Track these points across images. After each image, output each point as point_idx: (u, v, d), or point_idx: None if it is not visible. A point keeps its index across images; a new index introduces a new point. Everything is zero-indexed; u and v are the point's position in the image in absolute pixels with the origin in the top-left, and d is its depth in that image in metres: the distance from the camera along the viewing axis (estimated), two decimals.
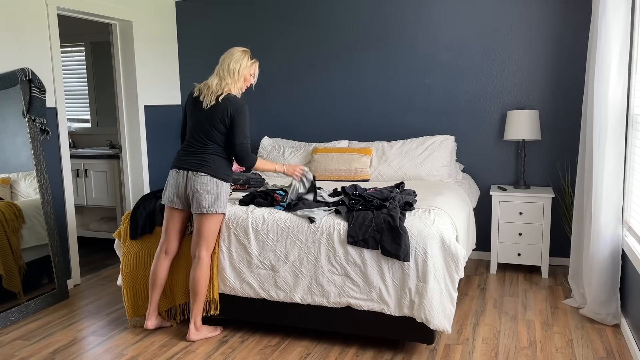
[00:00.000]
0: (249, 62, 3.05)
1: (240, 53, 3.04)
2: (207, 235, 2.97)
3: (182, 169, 2.96)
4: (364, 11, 4.60)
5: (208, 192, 2.91)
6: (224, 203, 2.98)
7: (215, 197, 2.93)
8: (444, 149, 4.14)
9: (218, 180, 2.94)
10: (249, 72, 3.07)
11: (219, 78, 2.99)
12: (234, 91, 3.00)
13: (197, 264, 2.98)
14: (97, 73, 5.69)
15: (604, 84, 3.04)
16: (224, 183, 2.97)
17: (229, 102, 2.93)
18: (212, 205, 2.92)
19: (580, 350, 2.88)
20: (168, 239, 3.08)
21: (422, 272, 2.71)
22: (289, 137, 4.95)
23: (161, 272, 3.10)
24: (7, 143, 3.49)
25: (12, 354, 2.98)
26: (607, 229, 3.10)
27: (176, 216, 3.05)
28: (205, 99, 2.96)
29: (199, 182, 2.91)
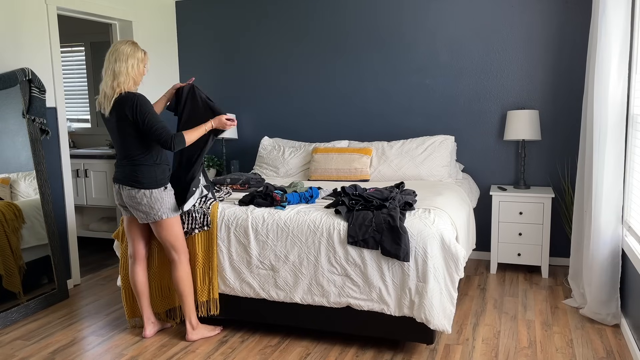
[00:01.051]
0: (142, 53, 2.86)
1: (131, 46, 2.82)
2: (166, 241, 2.95)
3: (115, 183, 2.93)
4: (364, 11, 4.59)
5: (139, 203, 2.85)
6: (161, 209, 2.86)
7: (148, 207, 2.85)
8: (444, 149, 4.14)
9: (146, 190, 2.83)
10: (144, 64, 2.88)
11: (112, 77, 2.78)
12: (132, 87, 2.82)
13: (173, 266, 3.00)
14: (97, 73, 5.69)
15: (604, 84, 3.04)
16: (155, 190, 2.84)
17: (122, 102, 2.76)
18: (149, 215, 2.87)
19: (580, 350, 2.88)
20: (132, 244, 3.07)
21: (422, 272, 2.71)
22: (289, 137, 4.95)
23: (137, 279, 3.07)
24: (7, 143, 3.49)
25: (12, 354, 2.98)
26: (607, 229, 3.10)
27: (132, 222, 3.04)
28: (104, 107, 2.82)
29: (128, 196, 2.86)
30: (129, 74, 2.79)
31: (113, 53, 2.81)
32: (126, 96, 2.78)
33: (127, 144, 2.84)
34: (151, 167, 2.86)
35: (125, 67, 2.78)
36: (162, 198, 2.88)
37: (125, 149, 2.86)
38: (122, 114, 2.77)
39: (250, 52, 5.00)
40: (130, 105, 2.75)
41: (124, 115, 2.77)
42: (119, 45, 2.82)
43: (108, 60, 2.81)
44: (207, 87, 5.18)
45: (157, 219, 2.88)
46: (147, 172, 2.85)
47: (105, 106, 2.81)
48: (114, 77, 2.78)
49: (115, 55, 2.79)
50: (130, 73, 2.80)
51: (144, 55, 2.88)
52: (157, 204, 2.86)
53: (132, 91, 2.81)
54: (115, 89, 2.78)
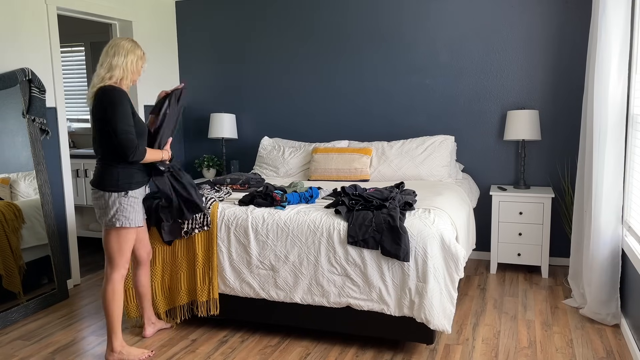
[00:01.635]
0: (141, 52, 2.78)
1: (131, 43, 2.74)
2: (108, 250, 2.76)
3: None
4: (364, 11, 4.59)
5: (96, 205, 2.72)
6: (116, 216, 2.68)
7: (102, 211, 2.70)
8: (444, 149, 4.14)
9: (106, 192, 2.66)
10: (142, 63, 2.79)
11: (108, 69, 2.65)
12: (126, 83, 2.71)
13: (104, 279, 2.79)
14: None
15: (604, 84, 3.04)
16: (114, 194, 2.66)
17: (102, 95, 2.60)
18: (102, 219, 2.73)
19: (580, 350, 2.88)
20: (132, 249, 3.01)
21: (422, 272, 2.71)
22: (289, 137, 4.95)
23: (140, 281, 3.04)
24: (7, 143, 3.49)
25: (12, 354, 2.98)
26: (607, 229, 3.10)
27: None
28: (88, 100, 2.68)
29: (93, 197, 2.74)
30: (127, 69, 2.69)
31: (112, 47, 2.71)
32: (105, 88, 2.62)
33: (97, 140, 2.69)
34: (115, 168, 2.67)
35: (125, 61, 2.68)
36: (120, 204, 2.68)
37: (96, 145, 2.71)
38: (97, 106, 2.63)
39: (250, 52, 5.00)
40: (101, 97, 2.60)
41: (98, 108, 2.62)
42: (119, 40, 2.72)
43: (106, 54, 2.71)
44: (207, 87, 5.19)
45: (109, 225, 2.70)
46: (110, 173, 2.67)
47: (88, 96, 2.69)
48: (109, 69, 2.66)
49: (115, 49, 2.70)
50: (128, 68, 2.69)
51: (142, 54, 2.80)
52: (112, 210, 2.67)
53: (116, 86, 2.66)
54: (104, 80, 2.64)
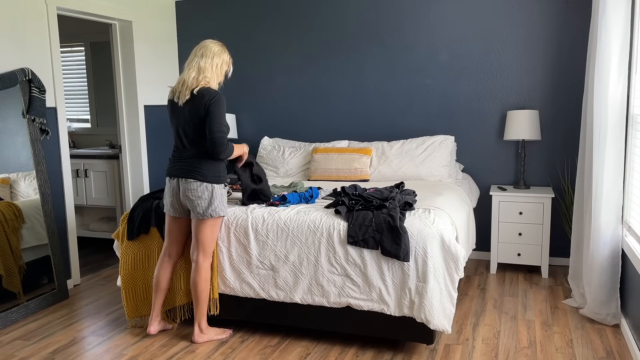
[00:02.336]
0: (229, 56, 2.96)
1: (220, 47, 2.92)
2: (203, 241, 2.93)
3: (173, 177, 2.92)
4: (364, 11, 4.59)
5: (199, 197, 2.85)
6: (219, 206, 2.90)
7: (208, 202, 2.86)
8: (444, 149, 4.14)
9: (208, 184, 2.85)
10: (228, 67, 2.97)
11: (197, 71, 2.84)
12: (214, 85, 2.89)
13: (195, 269, 2.96)
14: (97, 73, 5.69)
15: (604, 84, 3.04)
16: (216, 185, 2.88)
17: (203, 95, 2.80)
18: (206, 211, 2.87)
19: (580, 350, 2.88)
20: (170, 244, 3.06)
21: (422, 272, 2.71)
22: (289, 137, 4.95)
23: (164, 277, 3.07)
24: (7, 143, 3.49)
25: (12, 354, 2.98)
26: (607, 229, 3.10)
27: (177, 222, 3.03)
28: (180, 96, 2.84)
29: (189, 188, 2.86)
30: (213, 72, 2.87)
31: (201, 48, 2.88)
32: (209, 90, 2.82)
33: (195, 136, 2.85)
34: (215, 162, 2.88)
35: (211, 64, 2.86)
36: (222, 195, 2.90)
37: (191, 141, 2.86)
38: (199, 105, 2.79)
39: (250, 52, 5.00)
40: (209, 97, 2.78)
41: (201, 107, 2.79)
42: (207, 42, 2.90)
43: (194, 54, 2.88)
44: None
45: (213, 215, 2.87)
46: (212, 166, 2.87)
47: (182, 94, 2.83)
48: (199, 71, 2.83)
49: (203, 50, 2.87)
50: (214, 71, 2.87)
51: (229, 59, 2.95)
52: (217, 200, 2.87)
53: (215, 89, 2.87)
54: (200, 82, 2.82)
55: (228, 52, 2.97)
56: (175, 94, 2.89)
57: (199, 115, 2.80)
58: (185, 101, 2.83)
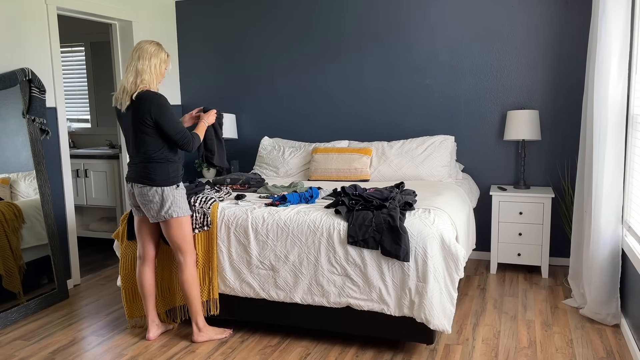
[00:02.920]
0: (166, 55, 2.91)
1: (155, 46, 2.86)
2: (174, 241, 2.94)
3: (128, 182, 2.94)
4: (364, 11, 4.59)
5: (150, 201, 2.85)
6: (172, 207, 2.86)
7: (159, 206, 2.84)
8: (444, 149, 4.14)
9: (158, 187, 2.83)
10: (167, 66, 2.92)
11: (135, 75, 2.80)
12: (153, 87, 2.84)
13: (179, 269, 2.99)
14: (97, 73, 5.69)
15: (604, 84, 3.04)
16: (166, 188, 2.84)
17: (143, 100, 2.76)
18: (159, 214, 2.86)
19: (580, 350, 2.88)
20: (142, 245, 3.06)
21: (422, 272, 2.71)
22: (289, 137, 4.95)
23: (145, 280, 3.06)
24: (7, 143, 3.49)
25: (12, 354, 2.98)
26: (607, 229, 3.10)
27: (143, 222, 3.02)
28: (122, 102, 2.82)
29: (141, 193, 2.86)
30: (152, 73, 2.83)
31: (137, 50, 2.84)
32: (147, 94, 2.78)
33: (141, 141, 2.83)
34: (164, 164, 2.86)
35: (149, 65, 2.81)
36: (174, 196, 2.87)
37: (138, 146, 2.85)
38: (140, 111, 2.77)
39: (250, 52, 5.00)
40: (149, 104, 2.76)
41: (142, 112, 2.77)
42: (143, 43, 2.85)
43: (131, 58, 2.84)
44: (207, 87, 5.18)
45: (167, 217, 2.87)
46: (160, 170, 2.85)
47: (123, 101, 2.81)
48: (137, 75, 2.79)
49: (139, 52, 2.82)
50: (153, 72, 2.83)
51: (166, 57, 2.91)
52: (168, 202, 2.85)
53: (153, 90, 2.83)
54: (138, 86, 2.79)
55: (165, 50, 2.91)
56: (118, 101, 2.87)
57: (141, 121, 2.78)
58: (126, 107, 2.81)
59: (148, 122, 2.78)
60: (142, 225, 3.03)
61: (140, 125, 2.80)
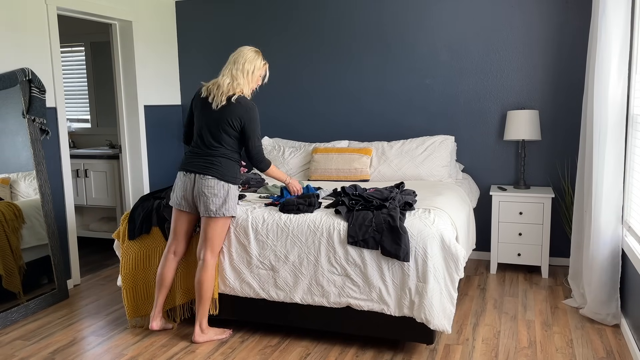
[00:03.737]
0: (262, 63, 3.01)
1: (253, 53, 2.99)
2: (213, 239, 2.94)
3: (190, 172, 2.93)
4: (364, 11, 4.59)
5: (215, 195, 2.88)
6: (232, 206, 2.94)
7: (223, 200, 2.89)
8: (444, 149, 4.14)
9: (226, 183, 2.90)
10: (261, 73, 3.03)
11: (231, 78, 2.92)
12: (246, 92, 2.96)
13: (202, 266, 2.96)
14: (97, 73, 5.69)
15: (604, 84, 3.04)
16: (232, 186, 2.93)
17: (239, 105, 2.89)
18: (220, 209, 2.89)
19: (580, 350, 2.88)
20: (176, 240, 3.06)
21: (422, 272, 2.71)
22: (289, 137, 4.95)
23: (168, 273, 3.07)
24: (7, 143, 3.49)
25: (12, 354, 2.98)
26: (607, 229, 3.10)
27: (184, 218, 3.03)
28: (215, 99, 2.91)
29: (206, 185, 2.88)
30: (245, 78, 2.94)
31: (235, 55, 2.97)
32: (244, 100, 2.91)
33: (221, 137, 2.91)
34: (234, 163, 2.96)
35: (243, 70, 2.94)
36: (235, 195, 2.96)
37: (218, 140, 2.91)
38: (233, 112, 2.88)
39: None
40: (245, 111, 2.89)
41: (235, 115, 2.88)
42: (243, 48, 2.99)
43: (229, 61, 2.96)
44: None
45: (225, 214, 2.90)
46: (231, 167, 2.93)
47: (218, 98, 2.89)
48: (233, 79, 2.91)
49: (236, 57, 2.96)
50: (247, 77, 2.93)
51: (262, 65, 3.00)
52: (231, 200, 2.92)
53: (249, 98, 2.95)
54: (235, 89, 2.90)
55: (262, 57, 3.02)
56: (210, 95, 2.93)
57: (231, 123, 2.89)
58: (220, 106, 2.90)
59: (236, 125, 2.89)
60: (181, 220, 3.03)
61: (228, 124, 2.89)
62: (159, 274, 3.08)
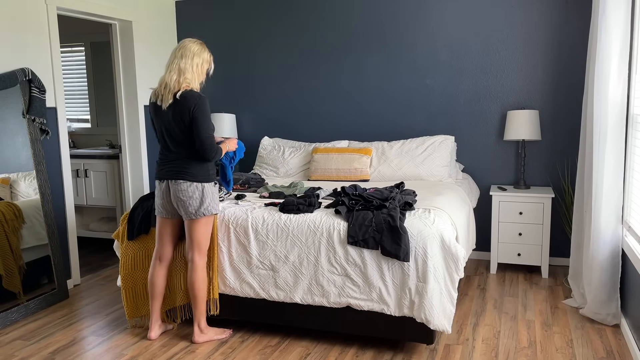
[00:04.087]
0: (208, 54, 2.92)
1: (199, 46, 2.88)
2: (198, 239, 2.93)
3: (162, 179, 2.92)
4: (365, 11, 4.59)
5: (191, 197, 2.84)
6: (211, 204, 2.90)
7: (199, 202, 2.86)
8: (444, 149, 4.14)
9: (199, 183, 2.85)
10: (208, 65, 2.93)
11: (178, 73, 2.81)
12: (195, 86, 2.86)
13: (192, 268, 2.96)
14: (97, 73, 5.69)
15: (604, 84, 3.04)
16: (206, 184, 2.88)
17: (186, 99, 2.78)
18: (199, 210, 2.87)
19: (580, 350, 2.88)
20: (162, 246, 3.05)
21: (422, 272, 2.71)
22: (289, 137, 4.95)
23: (158, 280, 3.06)
24: (7, 143, 3.49)
25: (12, 354, 2.98)
26: (607, 229, 3.10)
27: (168, 224, 3.02)
28: (163, 99, 2.82)
29: (180, 189, 2.85)
30: (194, 72, 2.84)
31: (180, 49, 2.85)
32: (191, 94, 2.80)
33: (180, 139, 2.84)
34: (204, 162, 2.88)
35: (191, 64, 2.83)
36: (213, 193, 2.91)
37: (179, 143, 2.85)
38: (182, 109, 2.78)
39: (250, 52, 5.00)
40: (195, 103, 2.77)
41: (185, 110, 2.78)
42: (187, 42, 2.86)
43: (174, 55, 2.84)
44: (207, 88, 5.18)
45: (206, 213, 2.88)
46: (199, 166, 2.86)
47: (165, 98, 2.81)
48: (180, 73, 2.80)
49: (182, 51, 2.83)
50: (195, 71, 2.84)
51: (209, 57, 2.92)
52: (208, 199, 2.87)
53: (197, 91, 2.85)
54: (181, 84, 2.80)
55: (208, 50, 2.94)
56: (158, 97, 2.85)
57: (184, 119, 2.80)
58: (168, 105, 2.81)
59: (186, 120, 2.79)
60: (165, 226, 3.02)
61: (182, 123, 2.81)
62: (149, 282, 3.08)
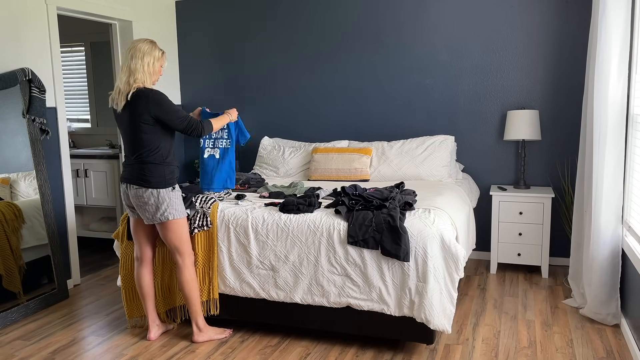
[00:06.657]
0: (160, 52, 2.86)
1: (149, 45, 2.82)
2: (171, 243, 2.92)
3: (123, 182, 2.91)
4: (364, 11, 4.59)
5: (145, 203, 2.82)
6: (168, 210, 2.83)
7: (155, 208, 2.82)
8: (444, 149, 4.14)
9: (154, 189, 2.80)
10: (161, 63, 2.88)
11: (128, 73, 2.76)
12: (148, 85, 2.81)
13: (177, 270, 2.98)
14: (97, 73, 5.69)
15: (604, 84, 3.04)
16: (162, 190, 2.81)
17: (139, 98, 2.74)
18: (155, 216, 2.84)
19: (580, 350, 2.88)
20: (138, 246, 3.05)
21: (422, 272, 2.71)
22: (289, 137, 4.94)
23: (144, 281, 3.05)
24: (7, 143, 3.49)
25: (12, 354, 2.98)
26: (607, 229, 3.10)
27: (139, 224, 3.00)
28: (118, 102, 2.79)
29: (135, 195, 2.83)
30: (145, 72, 2.78)
31: (130, 50, 2.80)
32: (141, 92, 2.75)
33: (137, 141, 2.80)
34: (160, 165, 2.82)
35: (142, 64, 2.77)
36: (170, 198, 2.84)
37: (135, 147, 2.82)
38: (136, 110, 2.75)
39: (250, 52, 5.00)
40: (145, 100, 2.73)
41: (138, 111, 2.74)
42: (136, 42, 2.82)
43: (125, 57, 2.81)
44: (207, 88, 5.18)
45: (162, 219, 2.85)
46: (156, 171, 2.81)
47: (118, 101, 2.79)
48: (130, 74, 2.76)
49: (132, 52, 2.79)
50: (146, 70, 2.79)
51: (161, 55, 2.87)
52: (164, 205, 2.82)
53: (148, 87, 2.80)
54: (131, 85, 2.76)
55: (159, 47, 2.86)
56: (114, 102, 2.83)
57: (138, 119, 2.76)
58: (122, 107, 2.78)
59: (146, 120, 2.75)
60: (138, 226, 3.01)
61: (138, 124, 2.77)
62: (136, 284, 3.08)
